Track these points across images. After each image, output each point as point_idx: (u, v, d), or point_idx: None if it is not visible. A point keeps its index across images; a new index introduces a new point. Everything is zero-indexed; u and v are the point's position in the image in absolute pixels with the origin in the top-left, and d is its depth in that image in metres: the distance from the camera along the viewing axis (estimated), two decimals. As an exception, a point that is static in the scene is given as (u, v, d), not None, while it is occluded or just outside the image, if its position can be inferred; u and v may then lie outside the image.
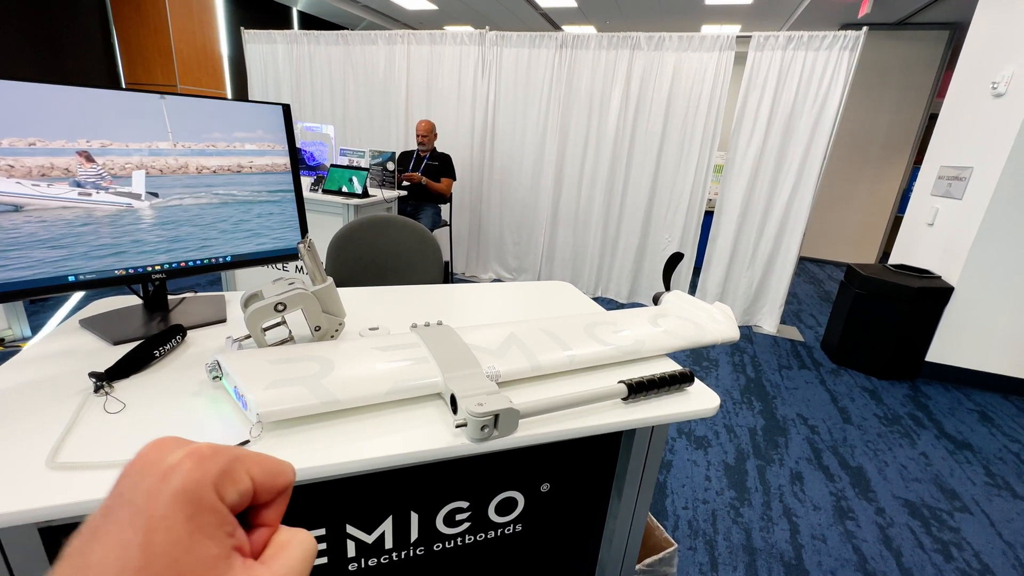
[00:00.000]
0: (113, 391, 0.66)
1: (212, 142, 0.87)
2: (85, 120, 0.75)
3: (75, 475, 0.51)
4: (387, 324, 0.97)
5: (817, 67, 3.13)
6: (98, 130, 0.77)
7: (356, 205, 2.65)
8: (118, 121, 0.78)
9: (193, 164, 0.87)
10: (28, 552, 0.54)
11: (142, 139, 0.81)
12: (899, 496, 1.92)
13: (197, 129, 0.86)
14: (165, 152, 0.84)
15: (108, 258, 0.80)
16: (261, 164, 0.95)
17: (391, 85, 4.10)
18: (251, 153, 0.93)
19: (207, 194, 0.89)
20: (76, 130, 0.74)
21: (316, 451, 0.58)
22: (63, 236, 0.75)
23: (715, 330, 0.96)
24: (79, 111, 0.75)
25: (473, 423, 0.59)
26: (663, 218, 3.70)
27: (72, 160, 0.75)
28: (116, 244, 0.80)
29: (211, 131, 0.87)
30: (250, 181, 0.94)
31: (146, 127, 0.81)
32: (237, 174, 0.92)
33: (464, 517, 0.79)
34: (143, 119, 0.81)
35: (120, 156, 0.79)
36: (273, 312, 0.74)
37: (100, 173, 0.77)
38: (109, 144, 0.78)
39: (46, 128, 0.72)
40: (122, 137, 0.79)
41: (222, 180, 0.91)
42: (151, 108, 0.82)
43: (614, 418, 0.70)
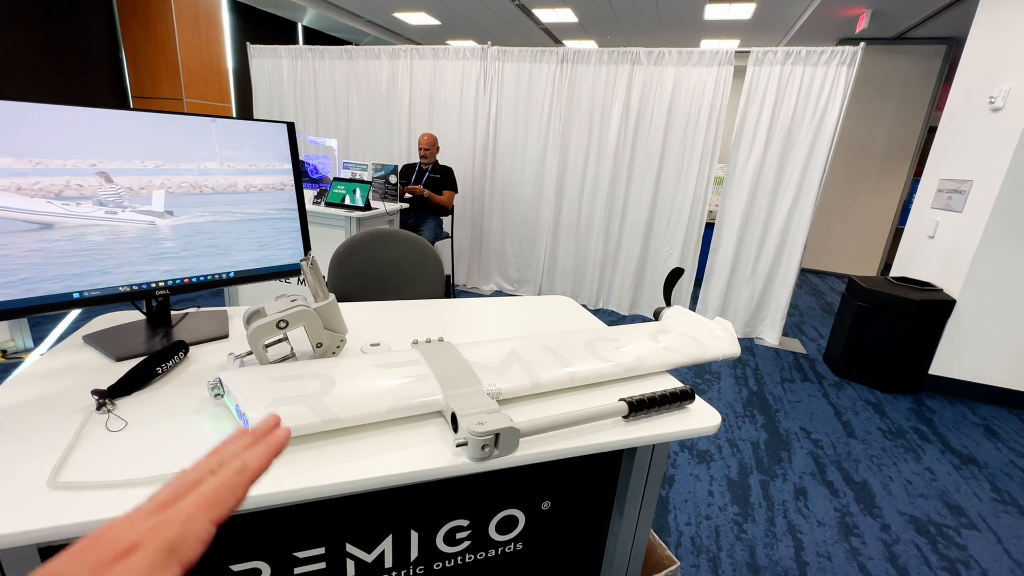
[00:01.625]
0: (115, 409, 0.66)
1: (222, 160, 0.89)
2: (102, 141, 0.77)
3: (76, 495, 0.51)
4: (388, 340, 0.97)
5: (815, 81, 3.16)
6: (113, 150, 0.78)
7: (358, 218, 2.67)
8: (129, 141, 0.80)
9: (204, 183, 0.88)
10: (27, 573, 0.53)
11: (152, 158, 0.82)
12: (904, 512, 1.90)
13: (205, 148, 0.88)
14: (175, 172, 0.85)
15: (113, 274, 0.80)
16: (267, 182, 0.96)
17: (394, 99, 4.15)
18: (258, 172, 0.95)
19: (215, 212, 0.90)
20: (94, 151, 0.76)
21: (317, 469, 0.58)
22: (81, 253, 0.76)
23: (716, 346, 0.96)
24: (95, 132, 0.76)
25: (474, 442, 0.60)
26: (664, 230, 3.72)
27: (93, 180, 0.76)
28: (121, 261, 0.81)
29: (221, 149, 0.89)
30: (255, 199, 0.95)
31: (154, 147, 0.83)
32: (244, 193, 0.93)
33: (464, 535, 0.79)
34: (153, 139, 0.82)
35: (136, 176, 0.80)
36: (275, 329, 0.75)
37: (119, 192, 0.79)
38: (126, 164, 0.79)
39: (67, 149, 0.73)
40: (137, 156, 0.80)
41: (230, 198, 0.92)
42: (157, 128, 0.83)
43: (615, 436, 0.70)
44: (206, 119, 0.89)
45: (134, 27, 4.89)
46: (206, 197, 0.89)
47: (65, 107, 0.74)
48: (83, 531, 0.48)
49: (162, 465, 0.56)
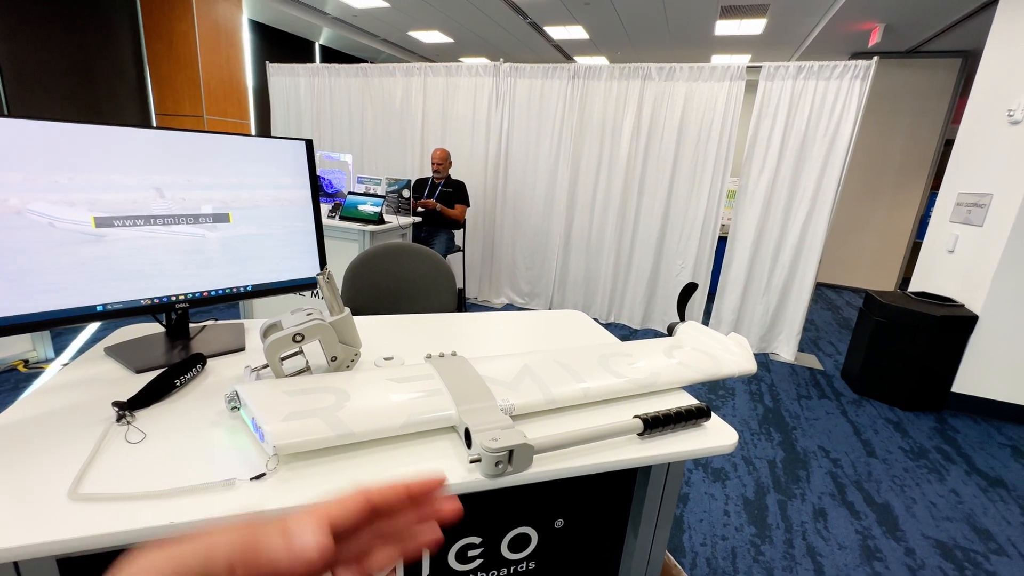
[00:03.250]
0: (135, 420, 0.67)
1: (243, 176, 0.91)
2: (136, 158, 0.79)
3: (97, 507, 0.51)
4: (402, 353, 0.98)
5: (828, 96, 3.15)
6: (142, 168, 0.81)
7: (372, 231, 2.70)
8: (155, 158, 0.82)
9: (226, 198, 0.90)
10: None
11: (173, 174, 0.85)
12: (929, 536, 1.84)
13: (227, 165, 0.90)
14: (200, 187, 0.87)
15: (134, 287, 0.82)
16: (285, 197, 0.98)
17: (408, 115, 4.22)
18: (277, 187, 0.97)
19: (236, 227, 0.92)
20: (127, 167, 0.78)
21: (330, 484, 0.58)
22: (105, 267, 0.78)
23: (731, 362, 0.95)
24: (126, 149, 0.79)
25: (487, 459, 0.59)
26: (676, 244, 3.70)
27: (149, 195, 0.79)
28: (142, 274, 0.83)
29: (243, 166, 0.91)
30: (273, 214, 0.97)
31: (177, 165, 0.85)
32: (263, 207, 0.95)
33: (476, 553, 0.78)
34: (176, 157, 0.85)
35: (182, 191, 0.83)
36: (291, 343, 0.75)
37: (170, 208, 0.81)
38: (175, 180, 0.82)
39: (124, 165, 0.76)
40: (162, 173, 0.83)
41: (250, 213, 0.94)
42: (182, 146, 0.86)
43: (629, 454, 0.69)
44: (227, 137, 0.91)
45: (158, 47, 5.07)
46: (227, 213, 0.91)
47: (87, 126, 0.76)
48: (102, 543, 0.49)
49: (180, 477, 0.57)
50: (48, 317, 0.75)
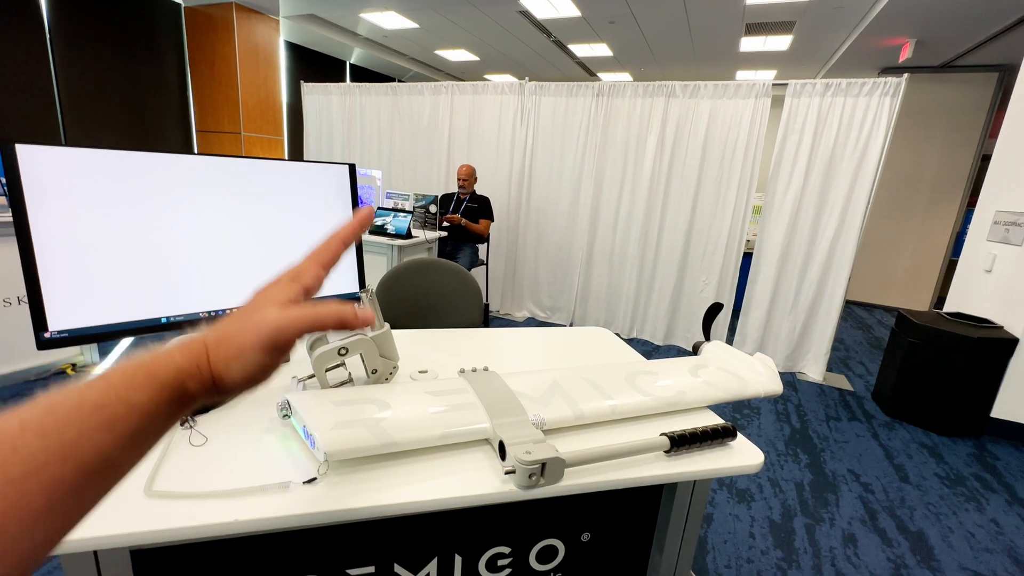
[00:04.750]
0: (196, 425, 0.73)
1: (292, 198, 0.98)
2: (191, 182, 0.87)
3: (169, 504, 0.57)
4: (435, 367, 1.02)
5: (857, 113, 3.12)
6: (199, 191, 0.88)
7: (400, 245, 2.78)
8: (209, 182, 0.90)
9: (277, 218, 0.97)
10: (119, 573, 0.59)
11: (228, 198, 0.92)
12: (968, 567, 1.77)
13: (276, 187, 0.97)
14: (254, 208, 0.95)
15: (194, 301, 0.89)
16: (330, 217, 1.05)
17: (434, 132, 4.34)
18: (322, 208, 1.03)
19: (286, 245, 0.99)
20: (189, 192, 0.86)
21: (376, 491, 0.62)
22: (172, 283, 0.86)
23: (757, 383, 0.96)
24: (178, 174, 0.86)
25: (521, 470, 0.63)
26: (700, 260, 3.69)
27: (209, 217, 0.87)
28: (203, 289, 0.90)
29: (291, 189, 0.98)
30: (318, 233, 1.04)
31: (231, 188, 0.93)
32: (311, 228, 1.02)
33: (506, 563, 0.81)
34: (228, 182, 0.92)
35: (238, 214, 0.90)
36: (336, 355, 0.81)
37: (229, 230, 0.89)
38: (231, 203, 0.89)
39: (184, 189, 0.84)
40: (219, 196, 0.90)
41: (299, 233, 1.00)
42: (237, 170, 0.93)
43: (656, 471, 0.71)
44: (278, 163, 0.98)
45: (201, 68, 5.36)
46: (277, 233, 0.98)
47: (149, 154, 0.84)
48: (175, 537, 0.54)
49: (240, 478, 0.62)
50: (123, 328, 0.82)
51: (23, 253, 0.72)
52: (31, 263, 0.73)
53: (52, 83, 4.28)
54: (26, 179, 0.71)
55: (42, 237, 0.73)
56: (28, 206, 0.71)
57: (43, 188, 0.73)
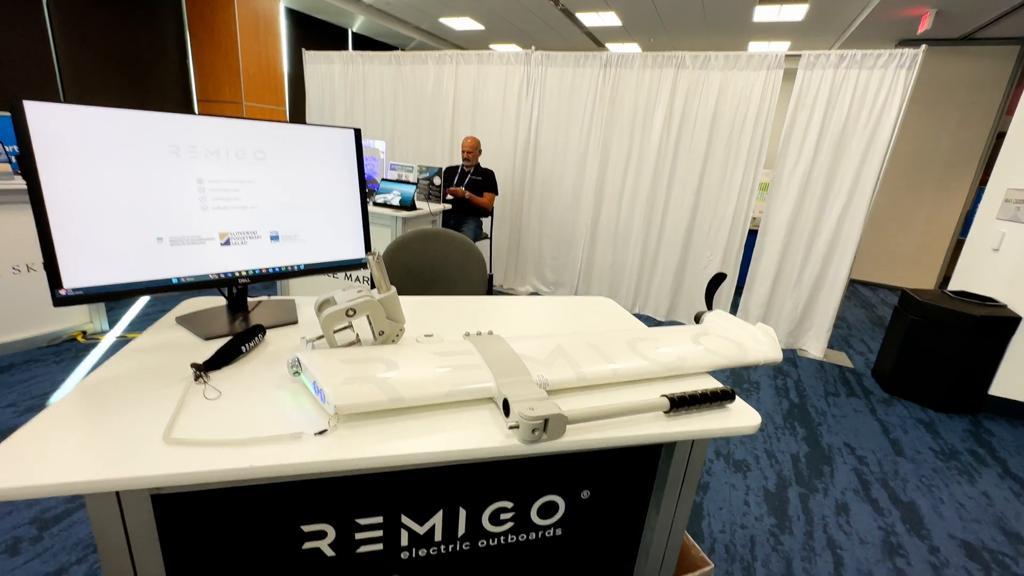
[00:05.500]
0: (210, 380, 0.75)
1: (298, 163, 0.98)
2: (203, 141, 0.87)
3: (187, 450, 0.59)
4: (440, 331, 1.04)
5: (871, 86, 3.05)
6: (207, 153, 0.88)
7: (404, 217, 2.78)
8: (214, 144, 0.90)
9: (281, 182, 0.98)
10: (141, 515, 0.62)
11: (237, 162, 0.92)
12: (956, 536, 1.82)
13: (282, 150, 0.97)
14: (260, 170, 0.95)
15: (204, 264, 0.91)
16: (334, 183, 1.05)
17: (439, 103, 4.27)
18: (327, 173, 1.03)
19: (291, 211, 0.99)
20: (211, 152, 0.86)
21: (384, 442, 0.65)
22: (182, 244, 0.87)
23: (757, 350, 0.98)
24: (190, 134, 0.86)
25: (525, 426, 0.65)
26: (705, 236, 3.67)
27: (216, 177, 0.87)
28: (211, 253, 0.91)
29: (296, 152, 0.98)
30: (323, 199, 1.04)
31: (236, 151, 0.92)
32: (315, 192, 1.02)
33: (508, 517, 0.84)
34: (233, 142, 0.92)
35: (240, 177, 0.90)
36: (344, 316, 0.82)
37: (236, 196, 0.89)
38: (216, 167, 0.89)
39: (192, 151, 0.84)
40: (226, 161, 0.90)
41: (302, 197, 1.01)
42: (239, 131, 0.93)
43: (656, 429, 0.73)
44: (283, 125, 0.98)
45: (201, 35, 5.25)
46: (283, 197, 0.99)
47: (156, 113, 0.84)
48: (195, 480, 0.56)
49: (254, 430, 0.64)
50: (136, 287, 0.84)
51: (36, 209, 0.73)
52: (43, 220, 0.74)
53: (51, 54, 4.22)
54: (35, 135, 0.72)
55: (53, 194, 0.74)
56: (38, 162, 0.72)
57: (52, 145, 0.74)
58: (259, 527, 0.70)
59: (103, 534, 0.61)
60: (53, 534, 1.54)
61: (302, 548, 0.73)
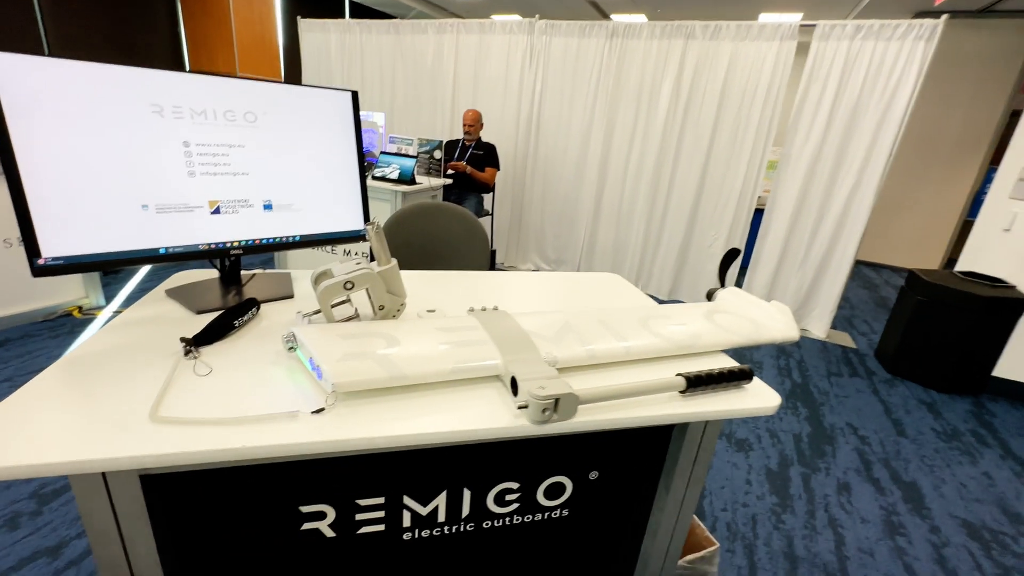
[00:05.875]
0: (200, 356, 0.71)
1: (292, 127, 0.92)
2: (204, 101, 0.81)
3: (175, 429, 0.56)
4: (442, 307, 1.00)
5: (887, 58, 2.94)
6: (197, 112, 0.82)
7: (404, 192, 2.71)
8: (200, 102, 0.84)
9: (273, 147, 0.92)
10: (130, 497, 0.59)
11: (226, 124, 0.86)
12: (956, 515, 1.82)
13: (274, 113, 0.91)
14: (251, 134, 0.89)
15: (194, 233, 0.86)
16: (331, 150, 0.99)
17: (439, 74, 4.14)
18: (323, 139, 0.97)
19: (283, 179, 0.94)
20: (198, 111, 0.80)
21: (386, 422, 0.61)
22: (168, 212, 0.82)
23: (773, 328, 0.94)
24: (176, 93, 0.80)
25: (535, 405, 0.61)
26: (710, 214, 3.60)
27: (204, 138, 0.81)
28: (201, 220, 0.86)
29: (290, 116, 0.92)
30: (319, 167, 0.98)
31: (226, 111, 0.87)
32: (309, 160, 0.97)
33: (514, 498, 0.81)
34: (223, 103, 0.86)
35: (231, 139, 0.85)
36: (342, 289, 0.78)
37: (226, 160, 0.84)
38: (205, 129, 0.84)
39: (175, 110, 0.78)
40: (214, 121, 0.85)
41: (296, 165, 0.95)
42: (229, 91, 0.87)
43: (671, 410, 0.70)
44: (274, 85, 0.92)
45: (192, 3, 5.06)
46: (276, 163, 0.93)
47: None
48: (183, 461, 0.53)
49: (246, 408, 0.61)
50: (120, 257, 0.79)
51: (7, 171, 0.67)
52: (17, 184, 0.68)
53: (37, 25, 4.06)
54: (4, 91, 0.66)
55: (29, 156, 0.69)
56: (8, 121, 0.66)
57: (26, 102, 0.68)
58: (255, 508, 0.67)
59: (90, 516, 0.58)
60: (53, 508, 1.53)
61: (300, 529, 0.71)
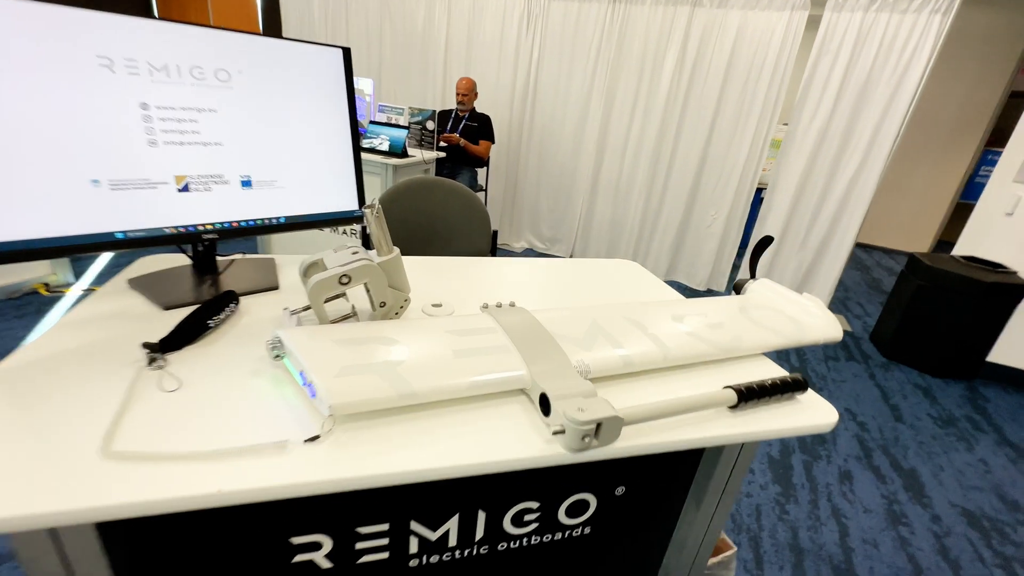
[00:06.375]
0: (167, 365, 0.60)
1: (272, 87, 0.78)
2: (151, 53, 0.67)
3: (135, 468, 0.45)
4: (449, 300, 0.89)
5: (901, 32, 2.82)
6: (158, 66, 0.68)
7: (395, 165, 2.55)
8: (169, 55, 0.70)
9: (252, 113, 0.78)
10: (87, 554, 0.48)
11: (194, 80, 0.72)
12: (956, 504, 1.82)
13: (253, 72, 0.77)
14: (222, 96, 0.75)
15: (158, 215, 0.72)
16: (317, 117, 0.85)
17: (430, 38, 3.90)
18: (309, 104, 0.84)
19: (264, 150, 0.80)
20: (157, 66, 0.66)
21: (394, 451, 0.51)
22: (127, 188, 0.68)
23: (815, 327, 0.85)
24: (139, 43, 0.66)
25: (574, 432, 0.51)
26: (711, 193, 3.50)
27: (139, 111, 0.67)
28: (168, 198, 0.73)
29: (270, 75, 0.78)
30: (305, 136, 0.85)
31: (189, 60, 0.72)
32: (294, 128, 0.83)
33: (533, 518, 0.73)
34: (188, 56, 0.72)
35: (178, 98, 0.71)
36: (337, 285, 0.66)
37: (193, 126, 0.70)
38: (166, 88, 0.69)
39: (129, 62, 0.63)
40: (181, 78, 0.70)
41: (279, 134, 0.82)
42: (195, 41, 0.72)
43: (720, 430, 0.61)
44: (250, 37, 0.77)
45: (160, -49, 4.67)
46: (255, 132, 0.79)
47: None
48: (145, 511, 0.42)
49: (224, 435, 0.50)
50: (65, 244, 0.66)
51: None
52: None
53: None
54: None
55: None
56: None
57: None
58: (239, 546, 0.57)
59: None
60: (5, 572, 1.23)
61: (292, 561, 0.61)
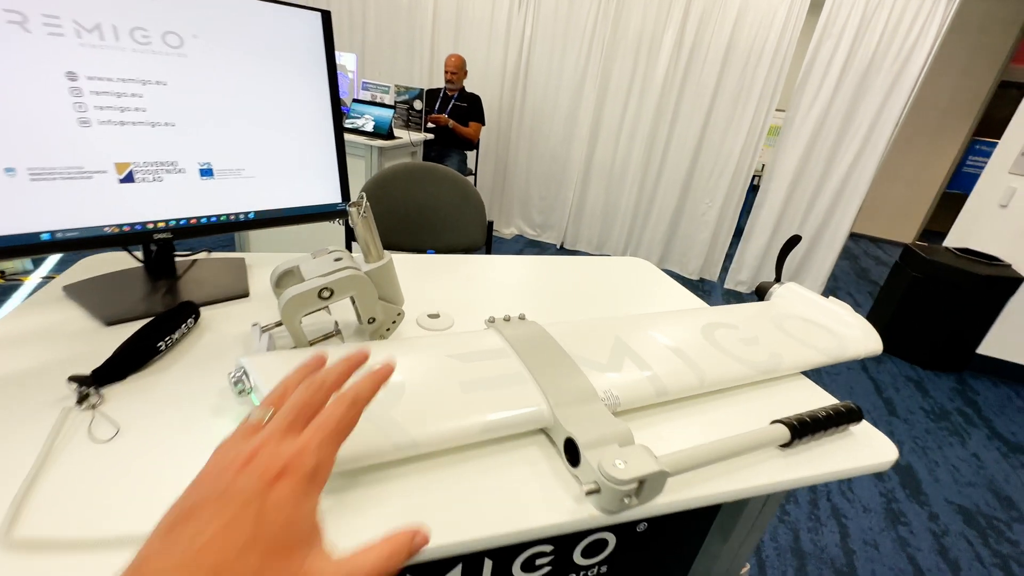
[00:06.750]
0: (102, 403, 0.48)
1: (234, 59, 0.65)
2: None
3: (49, 560, 0.34)
4: (446, 308, 0.79)
5: (906, 16, 2.75)
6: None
7: (381, 147, 2.40)
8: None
9: (211, 86, 0.65)
10: None
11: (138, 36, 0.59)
12: (952, 501, 1.81)
13: (215, 39, 0.64)
14: (176, 63, 0.62)
15: (96, 210, 0.60)
16: (294, 93, 0.72)
17: (417, 10, 3.69)
18: (282, 76, 0.71)
19: (228, 131, 0.67)
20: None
21: (390, 521, 0.41)
22: (51, 177, 0.55)
23: (855, 340, 0.77)
24: None
25: (611, 492, 0.42)
26: (706, 181, 3.42)
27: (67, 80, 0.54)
28: (107, 190, 0.60)
29: (233, 44, 0.65)
30: (279, 115, 0.72)
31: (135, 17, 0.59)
32: (264, 105, 0.70)
33: (545, 561, 0.64)
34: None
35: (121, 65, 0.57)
36: (316, 300, 0.55)
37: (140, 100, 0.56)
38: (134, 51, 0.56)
39: None
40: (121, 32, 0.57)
41: (246, 112, 0.69)
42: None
43: (771, 475, 0.52)
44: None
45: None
46: (215, 110, 0.66)
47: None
48: (52, 630, 0.31)
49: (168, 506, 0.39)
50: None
51: None
52: None
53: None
54: None
55: None
56: None
57: None
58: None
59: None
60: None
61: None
